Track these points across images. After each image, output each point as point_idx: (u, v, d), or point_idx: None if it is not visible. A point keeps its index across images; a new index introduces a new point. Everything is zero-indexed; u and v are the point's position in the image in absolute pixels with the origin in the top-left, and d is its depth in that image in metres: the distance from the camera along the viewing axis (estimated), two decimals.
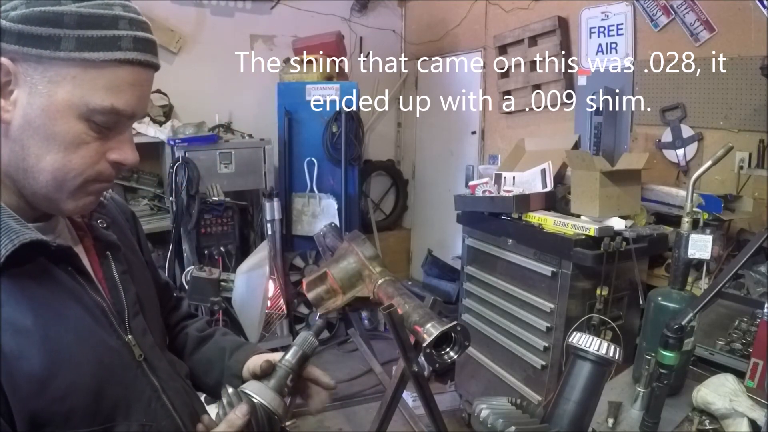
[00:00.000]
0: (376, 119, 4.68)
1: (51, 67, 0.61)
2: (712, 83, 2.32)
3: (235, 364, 0.93)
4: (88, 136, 0.65)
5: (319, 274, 2.16)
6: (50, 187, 0.66)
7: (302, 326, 3.80)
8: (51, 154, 0.64)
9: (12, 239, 0.61)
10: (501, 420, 0.81)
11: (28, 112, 0.62)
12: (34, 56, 0.60)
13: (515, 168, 2.72)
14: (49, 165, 0.64)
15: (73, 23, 0.60)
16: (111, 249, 0.80)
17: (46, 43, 0.60)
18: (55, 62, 0.61)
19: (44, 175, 0.64)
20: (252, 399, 0.76)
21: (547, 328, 2.24)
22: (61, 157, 0.64)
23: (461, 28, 3.93)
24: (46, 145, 0.63)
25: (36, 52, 0.60)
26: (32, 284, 0.64)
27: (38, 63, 0.61)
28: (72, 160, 0.65)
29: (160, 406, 0.77)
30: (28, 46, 0.60)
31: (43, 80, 0.61)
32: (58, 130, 0.63)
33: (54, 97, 0.62)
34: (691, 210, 1.38)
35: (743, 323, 1.71)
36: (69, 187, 0.67)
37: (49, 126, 0.63)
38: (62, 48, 0.60)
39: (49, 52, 0.60)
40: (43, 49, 0.60)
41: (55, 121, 0.63)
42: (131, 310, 0.77)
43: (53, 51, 0.60)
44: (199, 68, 3.82)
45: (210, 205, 3.26)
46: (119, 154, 0.69)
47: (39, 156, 0.64)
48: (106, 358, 0.70)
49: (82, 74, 0.62)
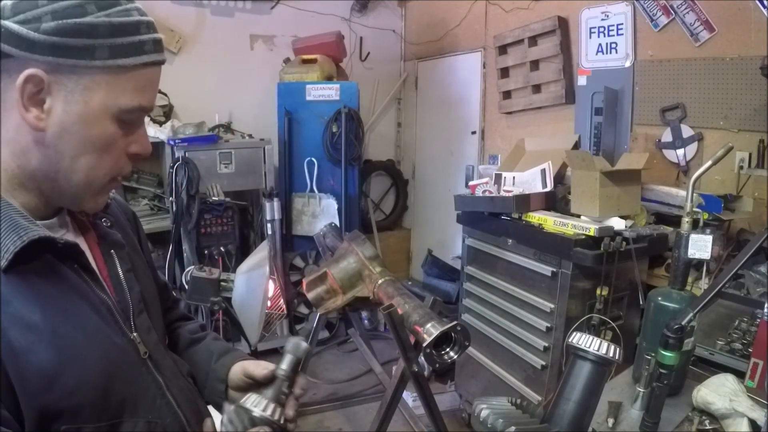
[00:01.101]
0: (376, 119, 4.68)
1: (86, 76, 0.64)
2: (712, 83, 2.32)
3: (220, 368, 0.94)
4: (117, 135, 0.69)
5: (319, 274, 2.16)
6: (81, 187, 0.69)
7: (302, 326, 3.80)
8: (86, 156, 0.67)
9: (21, 236, 0.62)
10: (501, 420, 0.81)
11: (65, 119, 0.65)
12: (68, 66, 0.63)
13: (515, 168, 2.72)
14: (83, 166, 0.68)
15: (106, 33, 0.64)
16: (115, 247, 0.81)
17: (82, 54, 0.63)
18: (90, 70, 0.64)
19: (77, 176, 0.68)
20: (252, 414, 0.77)
21: (547, 328, 2.24)
22: (95, 158, 0.68)
23: (461, 28, 3.93)
24: (82, 149, 0.67)
25: (71, 63, 0.63)
26: (40, 281, 0.65)
27: (72, 72, 0.63)
28: (103, 159, 0.69)
29: (164, 404, 0.78)
30: (64, 56, 0.62)
31: (78, 88, 0.64)
32: (95, 133, 0.67)
33: (90, 104, 0.65)
34: (691, 210, 1.38)
35: (743, 323, 1.71)
36: (97, 186, 0.71)
37: (86, 131, 0.66)
38: (97, 57, 0.64)
39: (85, 62, 0.63)
40: (78, 59, 0.63)
41: (92, 126, 0.66)
42: (136, 308, 0.78)
43: (89, 60, 0.63)
44: (199, 68, 3.82)
45: (210, 205, 3.26)
46: (139, 146, 0.73)
47: (74, 159, 0.67)
48: (112, 355, 0.71)
49: (114, 79, 0.66)
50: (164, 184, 3.56)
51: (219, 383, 0.93)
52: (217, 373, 0.94)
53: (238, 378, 0.91)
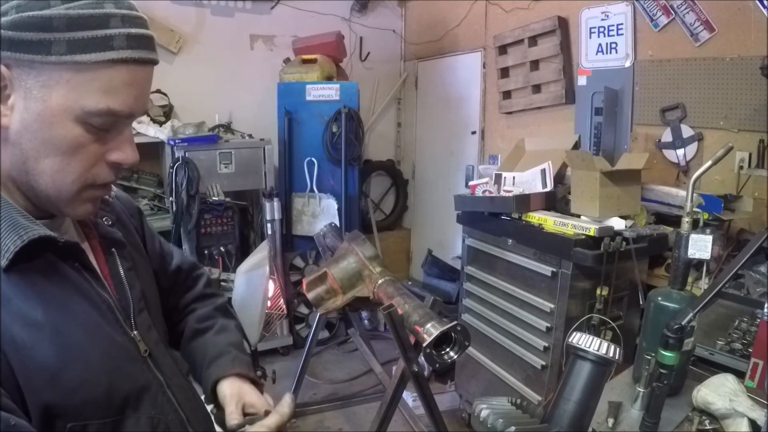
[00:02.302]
0: (376, 119, 4.68)
1: (44, 72, 0.61)
2: (712, 83, 2.32)
3: (207, 380, 0.93)
4: (86, 139, 0.65)
5: (319, 274, 2.16)
6: (50, 191, 0.66)
7: (302, 326, 3.80)
8: (49, 158, 0.64)
9: (21, 235, 0.62)
10: (501, 420, 0.81)
11: (25, 117, 0.62)
12: (26, 62, 0.60)
13: (515, 168, 2.72)
14: (48, 168, 0.64)
15: (63, 26, 0.59)
16: (116, 246, 0.81)
17: (37, 48, 0.59)
18: (48, 67, 0.60)
19: (44, 179, 0.65)
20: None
21: (547, 328, 2.24)
22: (59, 160, 0.64)
23: (461, 28, 3.93)
24: (44, 149, 0.63)
25: (28, 58, 0.60)
26: (41, 279, 0.65)
27: (31, 68, 0.60)
28: (70, 164, 0.65)
29: (165, 401, 0.78)
30: (20, 51, 0.59)
31: (37, 85, 0.61)
32: (55, 134, 0.63)
33: (49, 102, 0.62)
34: (691, 210, 1.38)
35: (743, 323, 1.71)
36: (68, 193, 0.67)
37: (45, 130, 0.62)
38: (53, 52, 0.60)
39: (41, 57, 0.60)
40: (34, 54, 0.60)
41: (51, 126, 0.62)
42: (137, 307, 0.79)
43: (44, 56, 0.60)
44: (199, 68, 3.82)
45: (210, 205, 3.26)
46: (118, 155, 0.68)
47: (38, 159, 0.64)
48: (113, 352, 0.71)
49: (76, 77, 0.61)
50: (164, 184, 3.56)
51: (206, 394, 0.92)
52: (204, 384, 0.93)
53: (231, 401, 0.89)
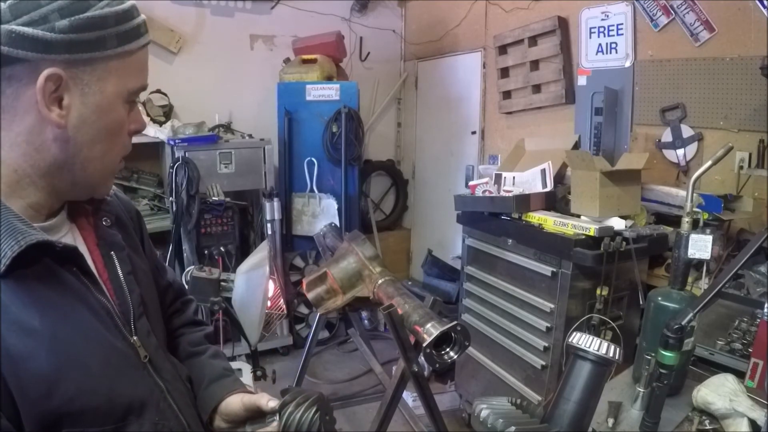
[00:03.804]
0: (376, 119, 4.68)
1: (99, 66, 0.66)
2: (712, 83, 2.32)
3: (209, 398, 0.92)
4: (125, 117, 0.73)
5: (319, 274, 2.16)
6: (96, 175, 0.72)
7: (302, 326, 3.80)
8: (101, 143, 0.70)
9: (18, 240, 0.61)
10: (501, 420, 0.81)
11: (83, 111, 0.67)
12: (84, 60, 0.65)
13: (515, 168, 2.72)
14: (98, 153, 0.70)
15: (113, 22, 0.66)
16: (115, 249, 0.80)
17: (96, 46, 0.65)
18: (103, 61, 0.66)
19: (94, 164, 0.70)
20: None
21: (547, 328, 2.24)
22: (108, 143, 0.71)
23: (461, 28, 3.93)
24: (98, 136, 0.69)
25: (88, 56, 0.65)
26: (38, 285, 0.65)
27: (87, 65, 0.65)
28: (116, 143, 0.73)
29: (167, 407, 0.77)
30: (80, 52, 0.64)
31: (93, 79, 0.66)
32: (111, 119, 0.70)
33: (105, 92, 0.68)
34: (691, 210, 1.38)
35: (743, 323, 1.71)
36: (111, 171, 0.75)
37: (102, 119, 0.69)
38: (108, 46, 0.66)
39: (99, 53, 0.65)
40: (93, 52, 0.65)
41: (108, 113, 0.69)
42: (136, 312, 0.77)
43: (102, 51, 0.66)
44: (199, 68, 3.82)
45: (210, 205, 3.26)
46: (136, 123, 0.76)
47: (91, 147, 0.69)
48: (113, 359, 0.70)
49: (122, 64, 0.69)
50: (164, 184, 3.56)
51: (203, 413, 0.90)
52: (205, 402, 0.91)
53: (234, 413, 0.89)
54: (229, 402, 0.90)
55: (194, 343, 1.01)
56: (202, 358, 0.99)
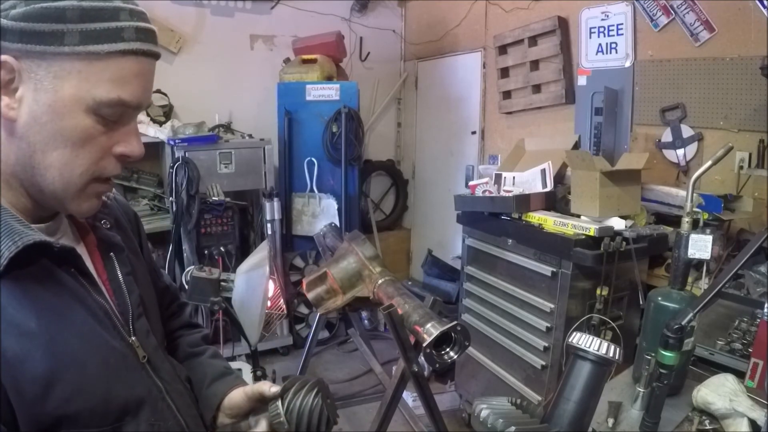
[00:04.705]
0: (376, 119, 4.68)
1: (55, 63, 0.61)
2: (712, 83, 2.32)
3: (212, 396, 0.91)
4: (95, 131, 0.65)
5: (319, 274, 2.17)
6: (57, 185, 0.65)
7: (302, 326, 3.80)
8: (58, 150, 0.63)
9: (15, 241, 0.61)
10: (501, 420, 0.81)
11: (34, 108, 0.62)
12: (37, 53, 0.60)
13: (515, 168, 2.72)
14: (56, 161, 0.64)
15: (76, 17, 0.60)
16: (114, 250, 0.80)
17: (50, 39, 0.60)
18: (60, 57, 0.61)
19: (51, 172, 0.64)
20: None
21: (547, 328, 2.24)
22: (68, 152, 0.64)
23: (461, 28, 3.93)
24: (54, 142, 0.63)
25: (40, 49, 0.60)
26: (36, 286, 0.64)
27: (42, 59, 0.61)
28: (79, 156, 0.65)
29: (165, 407, 0.77)
30: (32, 43, 0.59)
31: (48, 76, 0.61)
32: (66, 125, 0.63)
33: (60, 93, 0.62)
34: (691, 210, 1.38)
35: (743, 323, 1.71)
36: (75, 186, 0.66)
37: (56, 122, 0.62)
38: (66, 43, 0.60)
39: (54, 48, 0.60)
40: (47, 45, 0.60)
41: (62, 117, 0.62)
42: (135, 312, 0.77)
43: (57, 46, 0.60)
44: (199, 68, 3.82)
45: (210, 205, 3.26)
46: (125, 147, 0.69)
47: (45, 152, 0.63)
48: (111, 359, 0.69)
49: (88, 68, 0.62)
50: (164, 184, 3.56)
51: (208, 411, 0.90)
52: (208, 400, 0.91)
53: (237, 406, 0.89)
54: (232, 396, 0.91)
55: (193, 345, 1.01)
56: (201, 359, 0.99)
